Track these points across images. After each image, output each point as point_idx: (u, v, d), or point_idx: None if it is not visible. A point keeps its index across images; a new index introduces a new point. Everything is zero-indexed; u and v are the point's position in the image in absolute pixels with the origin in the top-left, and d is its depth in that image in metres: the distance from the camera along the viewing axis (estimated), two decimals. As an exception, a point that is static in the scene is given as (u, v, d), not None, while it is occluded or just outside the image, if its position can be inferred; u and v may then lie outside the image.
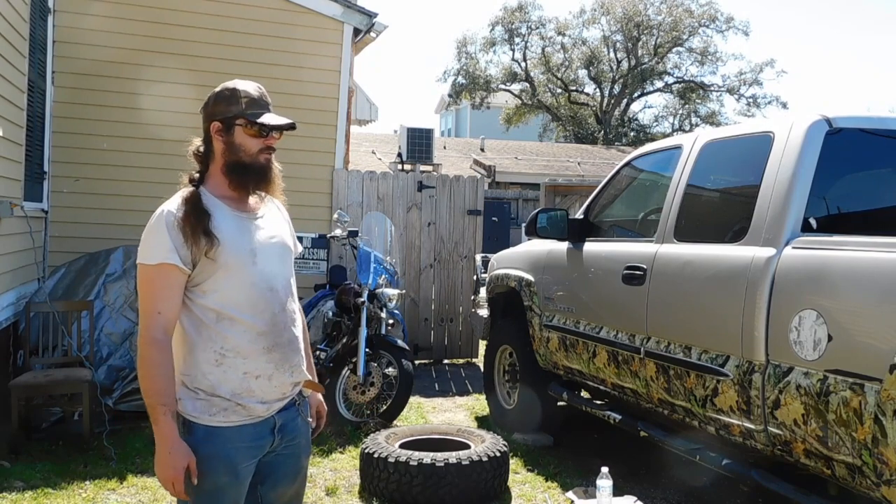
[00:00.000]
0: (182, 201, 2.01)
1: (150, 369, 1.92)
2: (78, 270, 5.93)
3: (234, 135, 2.06)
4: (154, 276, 1.95)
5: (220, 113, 2.08)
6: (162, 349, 1.93)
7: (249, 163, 2.07)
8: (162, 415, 1.90)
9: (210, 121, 2.08)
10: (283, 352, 2.06)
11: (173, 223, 1.95)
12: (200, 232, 1.95)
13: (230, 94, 2.10)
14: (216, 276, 1.98)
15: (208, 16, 7.02)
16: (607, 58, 28.84)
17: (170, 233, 1.94)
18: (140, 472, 4.38)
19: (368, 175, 7.77)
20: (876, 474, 2.50)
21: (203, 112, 2.12)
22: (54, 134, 6.63)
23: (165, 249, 1.93)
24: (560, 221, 4.64)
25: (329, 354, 5.71)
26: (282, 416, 2.10)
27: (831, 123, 3.17)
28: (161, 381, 1.92)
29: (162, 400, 1.90)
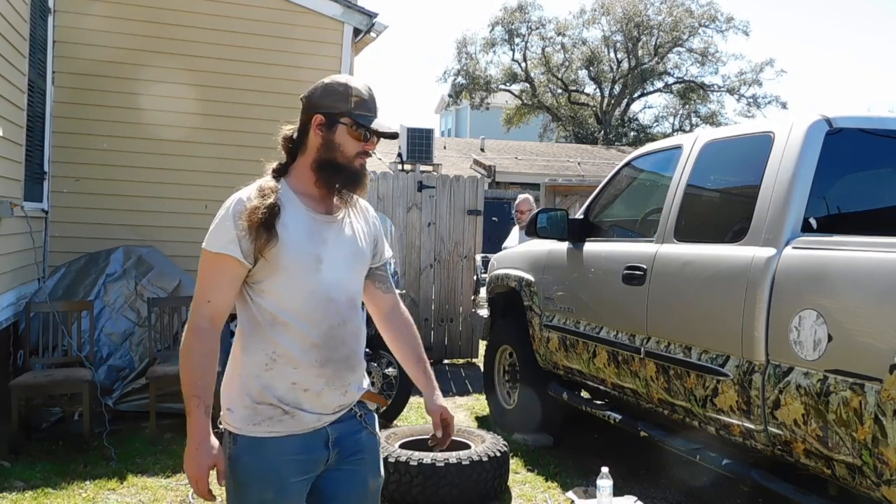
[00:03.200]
0: (256, 191, 1.90)
1: (188, 358, 1.81)
2: (78, 270, 5.93)
3: (336, 133, 1.92)
4: (212, 264, 1.86)
5: (325, 107, 1.93)
6: (203, 338, 1.83)
7: (344, 164, 1.93)
8: (195, 407, 1.78)
9: (313, 112, 1.94)
10: (337, 368, 1.91)
11: (241, 213, 1.85)
12: (263, 227, 1.83)
13: (342, 89, 1.95)
14: (275, 278, 1.87)
15: (208, 16, 7.02)
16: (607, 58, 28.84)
17: (235, 222, 1.85)
18: (140, 472, 4.37)
19: (368, 175, 7.77)
20: (876, 474, 2.50)
21: (305, 100, 1.98)
22: (54, 134, 6.63)
23: (227, 239, 1.84)
24: (560, 221, 4.64)
25: (329, 354, 5.71)
26: (337, 429, 1.94)
27: (831, 123, 3.17)
28: (197, 371, 1.80)
29: (196, 391, 1.79)
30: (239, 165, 7.08)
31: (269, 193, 1.88)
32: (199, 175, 6.99)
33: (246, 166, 7.90)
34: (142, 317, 5.70)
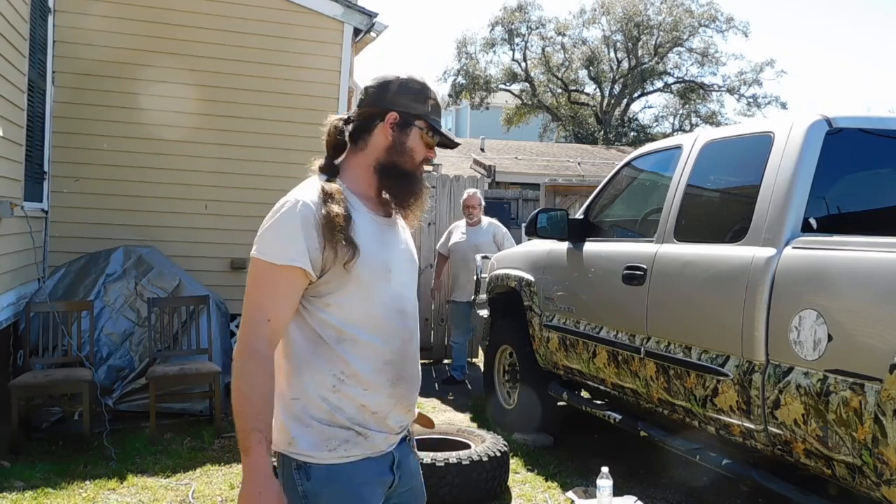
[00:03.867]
0: (325, 195, 1.67)
1: (247, 387, 1.58)
2: (78, 270, 5.93)
3: (409, 136, 1.75)
4: (274, 278, 1.62)
5: (402, 105, 1.74)
6: (263, 364, 1.59)
7: (411, 171, 1.76)
8: (256, 442, 1.56)
9: (387, 108, 1.74)
10: (407, 388, 1.76)
11: (311, 220, 1.62)
12: (343, 238, 1.63)
13: (420, 88, 1.77)
14: (346, 290, 1.67)
15: (208, 16, 7.02)
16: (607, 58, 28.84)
17: (305, 231, 1.62)
18: (140, 472, 4.38)
19: (368, 175, 7.77)
20: (876, 474, 2.50)
21: (375, 93, 1.77)
22: (54, 134, 6.63)
23: (296, 250, 1.61)
24: (560, 221, 4.63)
25: (329, 354, 5.71)
26: (398, 451, 1.79)
27: (831, 123, 3.17)
28: (259, 402, 1.58)
29: (257, 424, 1.57)
30: (239, 165, 7.09)
31: (340, 198, 1.67)
32: (199, 175, 7.00)
33: (246, 166, 8.00)
34: (142, 317, 5.70)
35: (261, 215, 1.73)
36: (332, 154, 1.82)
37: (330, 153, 1.82)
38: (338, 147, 1.82)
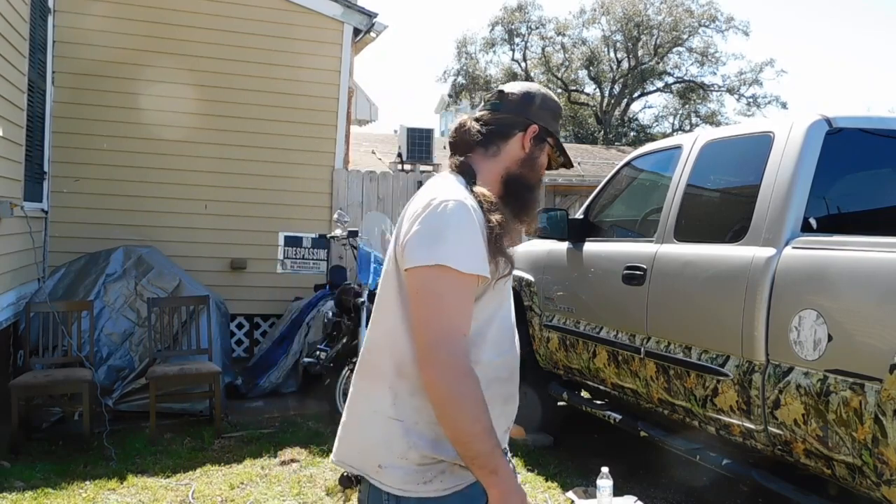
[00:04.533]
0: (488, 203, 1.56)
1: (476, 408, 1.44)
2: (78, 270, 5.93)
3: (542, 151, 1.70)
4: (463, 287, 1.47)
5: (542, 119, 1.69)
6: (476, 380, 1.45)
7: (534, 186, 1.70)
8: (501, 458, 1.46)
9: (530, 119, 1.68)
10: (513, 406, 1.67)
11: (479, 228, 1.51)
12: (503, 251, 1.55)
13: (557, 107, 1.75)
14: (480, 304, 1.55)
15: (208, 16, 7.03)
16: (607, 58, 28.82)
17: (481, 237, 1.51)
18: (140, 472, 4.38)
19: (368, 175, 7.77)
20: (876, 474, 2.50)
21: (518, 102, 1.70)
22: (54, 134, 6.63)
23: (482, 258, 1.49)
24: (560, 221, 4.63)
25: (329, 354, 5.70)
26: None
27: (831, 123, 3.17)
28: (487, 418, 1.45)
29: (496, 440, 1.46)
30: (239, 165, 7.10)
31: (498, 207, 1.57)
32: (198, 175, 7.00)
33: (246, 166, 8.00)
34: (142, 317, 5.70)
35: (261, 215, 1.64)
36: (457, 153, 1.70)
37: (459, 152, 1.70)
38: (459, 147, 1.71)
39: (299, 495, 4.08)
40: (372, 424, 1.56)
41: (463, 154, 1.69)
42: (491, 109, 1.71)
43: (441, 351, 1.44)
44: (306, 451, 4.75)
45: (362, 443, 1.57)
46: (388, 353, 1.56)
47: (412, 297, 1.49)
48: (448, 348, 1.44)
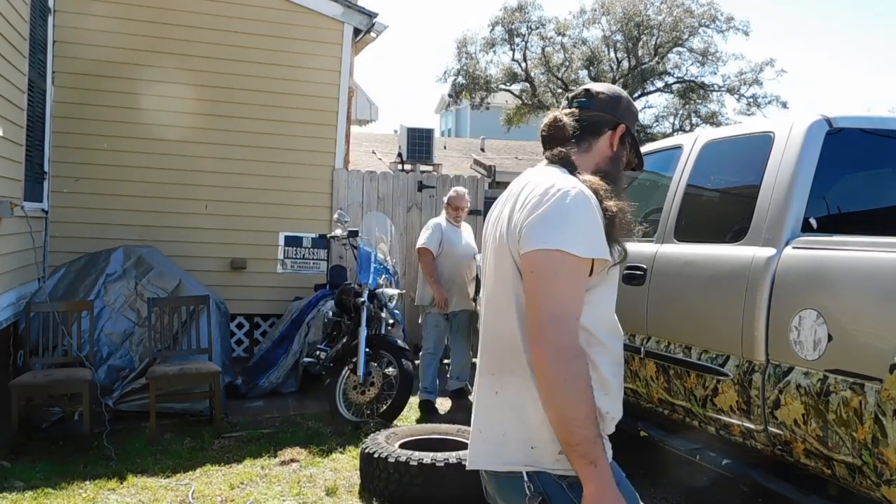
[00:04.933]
0: (604, 190, 1.62)
1: (583, 391, 1.46)
2: (78, 270, 5.93)
3: (625, 150, 1.79)
4: (577, 272, 1.52)
5: (627, 120, 1.78)
6: (587, 364, 1.50)
7: (619, 183, 1.76)
8: (603, 451, 1.49)
9: (619, 118, 1.76)
10: (622, 392, 1.72)
11: (598, 215, 1.57)
12: (618, 238, 1.61)
13: (636, 111, 1.85)
14: (597, 291, 1.62)
15: (208, 16, 7.03)
16: (607, 58, 28.81)
17: (600, 223, 1.57)
18: (140, 472, 4.37)
19: (368, 175, 7.77)
20: (876, 474, 2.50)
21: (608, 102, 1.77)
22: (54, 134, 6.63)
23: (602, 242, 1.55)
24: (560, 221, 4.63)
25: (329, 354, 5.71)
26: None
27: (831, 123, 3.17)
28: (592, 405, 1.48)
29: (598, 430, 1.48)
30: (239, 165, 7.10)
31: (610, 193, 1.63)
32: (199, 175, 7.01)
33: (246, 166, 8.00)
34: (142, 317, 5.70)
35: (261, 215, 1.65)
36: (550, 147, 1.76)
37: (552, 146, 1.76)
38: (553, 141, 1.76)
39: (299, 495, 4.08)
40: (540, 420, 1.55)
41: (551, 149, 1.75)
42: (580, 107, 1.78)
43: (552, 330, 1.48)
44: (306, 451, 4.75)
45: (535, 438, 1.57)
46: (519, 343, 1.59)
47: (526, 278, 1.54)
48: (559, 328, 1.48)
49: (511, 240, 1.60)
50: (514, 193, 1.68)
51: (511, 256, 1.60)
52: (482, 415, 1.68)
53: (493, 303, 1.68)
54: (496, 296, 1.66)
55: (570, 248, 1.50)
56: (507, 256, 1.62)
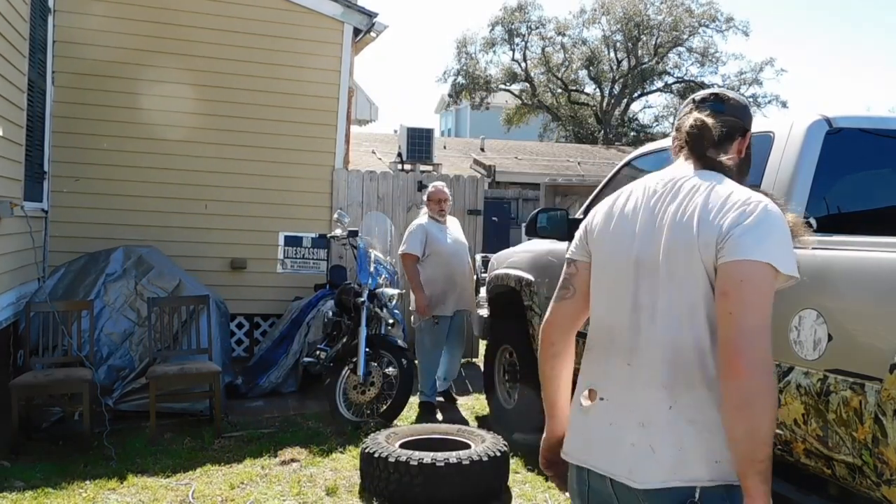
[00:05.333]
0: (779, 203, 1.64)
1: (775, 409, 1.49)
2: (78, 270, 5.93)
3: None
4: (773, 288, 1.54)
5: (751, 126, 1.82)
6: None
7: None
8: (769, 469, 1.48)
9: (747, 126, 1.80)
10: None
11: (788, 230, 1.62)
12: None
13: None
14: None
15: (209, 16, 7.03)
16: (607, 58, 28.83)
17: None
18: (140, 472, 4.38)
19: (368, 175, 7.77)
20: (876, 474, 2.50)
21: (739, 109, 1.79)
22: (54, 134, 6.63)
23: (795, 259, 1.57)
24: (560, 221, 4.63)
25: (329, 354, 5.71)
26: None
27: (831, 123, 3.17)
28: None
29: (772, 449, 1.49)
30: (239, 165, 7.10)
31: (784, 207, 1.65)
32: (199, 175, 7.01)
33: (246, 166, 7.99)
34: (142, 317, 5.70)
35: (261, 215, 1.64)
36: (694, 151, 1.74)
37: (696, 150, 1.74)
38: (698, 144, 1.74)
39: (299, 495, 4.08)
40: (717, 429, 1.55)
41: (699, 152, 1.73)
42: (713, 111, 1.76)
43: (759, 342, 1.47)
44: (306, 450, 4.75)
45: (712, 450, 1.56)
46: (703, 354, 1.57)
47: (733, 286, 1.50)
48: (765, 340, 1.48)
49: (705, 246, 1.56)
50: (683, 193, 1.65)
51: (700, 262, 1.57)
52: (653, 431, 1.60)
53: (664, 309, 1.62)
54: (672, 302, 1.60)
55: (778, 263, 1.50)
56: (693, 261, 1.58)
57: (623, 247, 1.71)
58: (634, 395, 1.64)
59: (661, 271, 1.62)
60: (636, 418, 1.62)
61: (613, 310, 1.72)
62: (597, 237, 1.83)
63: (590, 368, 1.81)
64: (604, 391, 1.72)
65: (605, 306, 1.76)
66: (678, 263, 1.60)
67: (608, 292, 1.74)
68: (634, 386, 1.64)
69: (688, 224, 1.59)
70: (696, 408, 1.57)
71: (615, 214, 1.79)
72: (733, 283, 1.50)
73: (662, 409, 1.59)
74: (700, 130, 1.73)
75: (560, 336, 1.90)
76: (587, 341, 1.85)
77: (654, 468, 1.58)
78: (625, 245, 1.71)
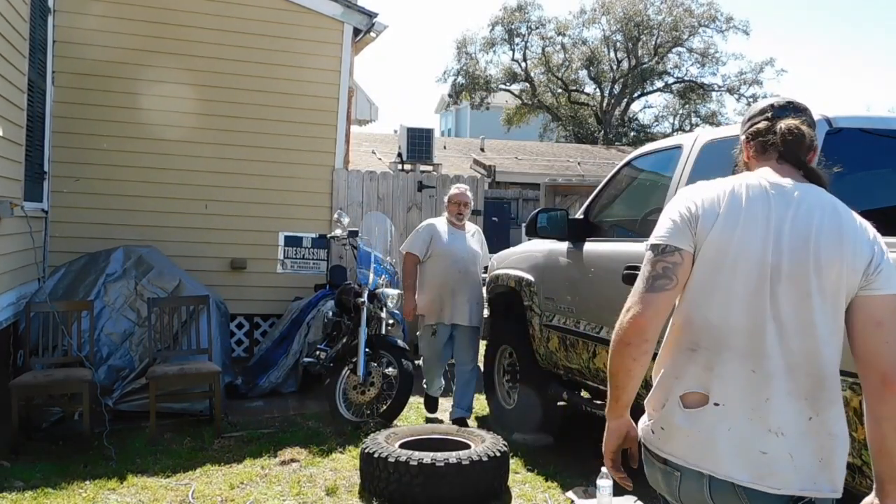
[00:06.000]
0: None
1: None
2: (78, 270, 5.93)
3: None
4: None
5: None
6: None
7: None
8: None
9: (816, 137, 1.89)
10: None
11: None
12: None
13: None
14: None
15: (208, 16, 7.03)
16: (607, 58, 28.82)
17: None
18: (140, 472, 4.37)
19: (368, 175, 7.77)
20: (876, 474, 2.50)
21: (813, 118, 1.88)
22: (54, 134, 6.63)
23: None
24: (560, 221, 4.63)
25: (329, 354, 5.71)
26: None
27: (831, 123, 3.17)
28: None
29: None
30: (239, 165, 7.10)
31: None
32: (199, 175, 7.01)
33: (246, 166, 7.99)
34: (142, 317, 5.70)
35: (261, 215, 1.65)
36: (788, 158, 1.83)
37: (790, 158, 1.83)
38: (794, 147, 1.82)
39: (299, 495, 4.08)
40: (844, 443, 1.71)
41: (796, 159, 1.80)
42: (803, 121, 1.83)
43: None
44: (306, 451, 4.76)
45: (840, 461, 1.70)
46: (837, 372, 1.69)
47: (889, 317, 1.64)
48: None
49: (852, 272, 1.66)
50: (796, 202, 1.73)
51: (845, 286, 1.66)
52: (792, 439, 1.66)
53: (812, 322, 1.66)
54: (815, 322, 1.66)
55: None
56: (841, 281, 1.66)
57: (754, 248, 1.68)
58: (766, 404, 1.66)
59: (810, 284, 1.65)
60: (767, 426, 1.65)
61: (735, 312, 1.68)
62: (717, 231, 1.71)
63: (691, 370, 1.73)
64: (718, 396, 1.69)
65: (720, 306, 1.70)
66: (829, 280, 1.65)
67: (728, 292, 1.69)
68: (762, 393, 1.66)
69: (835, 242, 1.67)
70: (838, 422, 1.68)
71: (737, 211, 1.71)
72: (890, 314, 1.64)
73: (802, 420, 1.65)
74: (798, 137, 1.77)
75: (655, 331, 1.75)
76: (680, 340, 1.78)
77: (791, 476, 1.64)
78: (755, 246, 1.68)
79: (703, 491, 1.68)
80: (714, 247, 1.70)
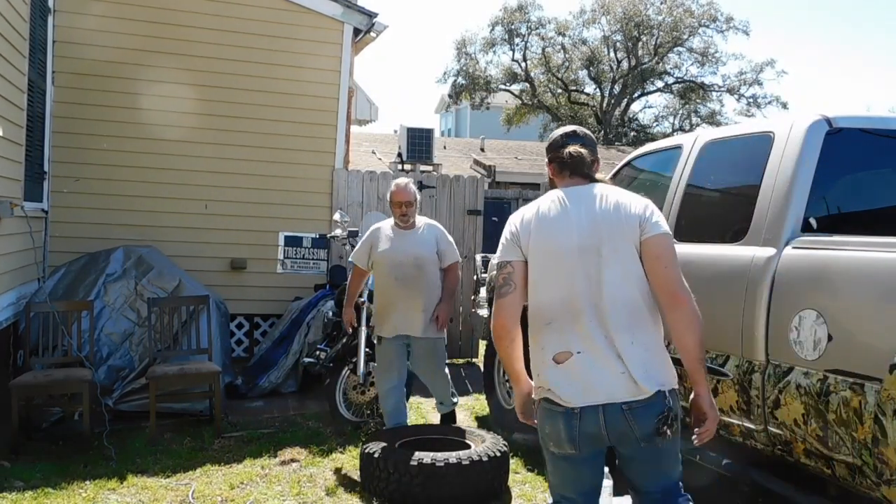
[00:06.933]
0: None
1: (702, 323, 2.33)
2: (78, 270, 5.93)
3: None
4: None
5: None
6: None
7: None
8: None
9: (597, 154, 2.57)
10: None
11: None
12: None
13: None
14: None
15: (208, 16, 7.03)
16: (607, 58, 28.81)
17: None
18: (140, 472, 4.37)
19: (368, 175, 7.77)
20: (876, 474, 2.50)
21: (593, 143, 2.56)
22: (54, 134, 6.63)
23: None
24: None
25: (329, 354, 5.70)
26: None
27: (831, 123, 3.17)
28: None
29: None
30: (239, 165, 7.10)
31: None
32: (199, 175, 7.00)
33: (246, 166, 7.99)
34: (142, 317, 5.70)
35: (261, 215, 1.68)
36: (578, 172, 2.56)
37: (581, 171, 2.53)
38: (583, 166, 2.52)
39: (299, 495, 4.08)
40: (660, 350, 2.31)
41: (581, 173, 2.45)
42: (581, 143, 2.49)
43: (683, 281, 2.27)
44: (306, 450, 4.75)
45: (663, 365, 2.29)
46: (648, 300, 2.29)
47: (665, 250, 2.27)
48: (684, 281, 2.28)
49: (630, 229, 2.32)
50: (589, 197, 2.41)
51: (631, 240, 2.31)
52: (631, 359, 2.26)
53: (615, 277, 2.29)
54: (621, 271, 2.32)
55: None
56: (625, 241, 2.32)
57: (563, 239, 2.30)
58: (608, 339, 2.24)
59: (602, 249, 2.27)
60: (614, 353, 2.23)
61: (566, 286, 2.29)
62: (534, 238, 2.35)
63: (552, 337, 2.31)
64: (577, 347, 2.27)
65: (556, 286, 2.31)
66: (616, 240, 2.28)
67: (556, 274, 2.31)
68: (603, 332, 2.25)
69: (614, 217, 2.30)
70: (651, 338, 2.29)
71: (545, 219, 2.36)
72: (662, 249, 2.27)
73: (627, 344, 2.24)
74: (580, 157, 2.43)
75: (514, 323, 2.37)
76: (538, 319, 2.35)
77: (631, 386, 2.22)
78: (563, 238, 2.30)
79: (598, 421, 2.23)
80: (536, 249, 2.34)
